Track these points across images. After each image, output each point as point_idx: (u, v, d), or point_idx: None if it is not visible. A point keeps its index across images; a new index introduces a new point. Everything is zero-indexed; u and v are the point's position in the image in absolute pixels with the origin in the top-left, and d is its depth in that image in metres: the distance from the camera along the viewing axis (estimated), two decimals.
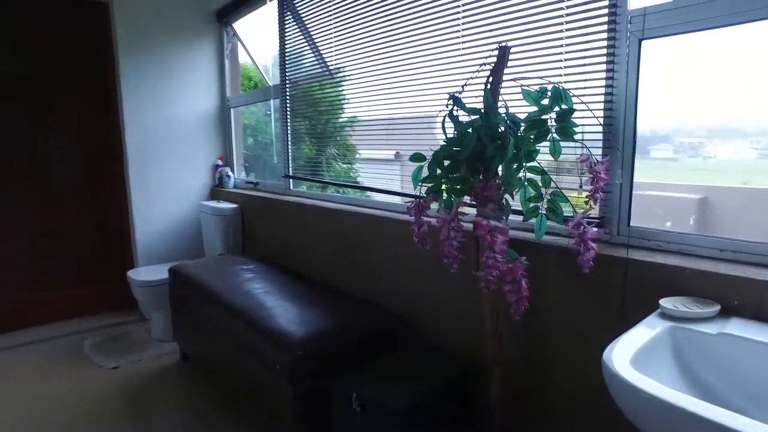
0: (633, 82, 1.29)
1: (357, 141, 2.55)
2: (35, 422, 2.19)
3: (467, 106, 1.32)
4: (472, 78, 1.40)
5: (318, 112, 2.68)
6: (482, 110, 1.29)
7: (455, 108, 1.33)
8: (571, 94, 1.23)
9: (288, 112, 2.87)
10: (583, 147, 1.23)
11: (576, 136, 1.23)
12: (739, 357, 0.97)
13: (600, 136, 1.35)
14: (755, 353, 0.95)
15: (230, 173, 3.52)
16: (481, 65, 1.39)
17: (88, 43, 3.16)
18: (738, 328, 1.01)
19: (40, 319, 3.20)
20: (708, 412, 0.70)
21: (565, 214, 1.27)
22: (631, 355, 0.91)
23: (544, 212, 1.28)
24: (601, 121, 1.33)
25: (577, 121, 1.23)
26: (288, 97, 2.85)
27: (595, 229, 1.20)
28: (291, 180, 2.95)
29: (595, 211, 1.34)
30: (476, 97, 1.35)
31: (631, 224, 1.35)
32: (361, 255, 2.20)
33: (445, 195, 1.36)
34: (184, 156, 3.45)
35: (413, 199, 1.41)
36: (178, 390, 2.45)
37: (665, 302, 1.11)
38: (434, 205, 1.39)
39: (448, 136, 1.33)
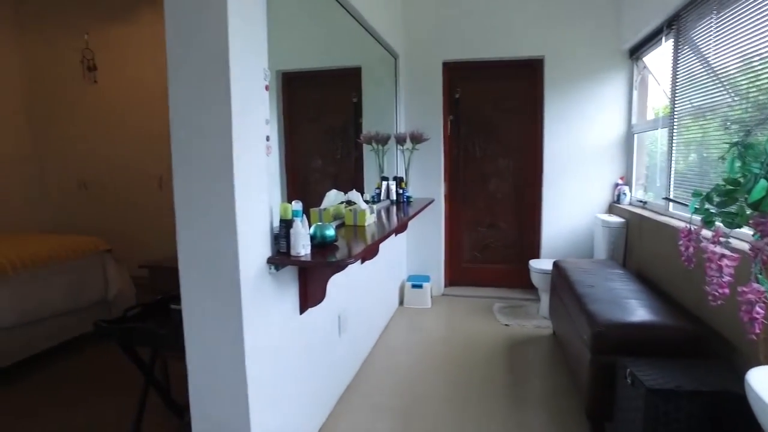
0: None
1: None
2: (447, 344, 3.47)
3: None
4: None
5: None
6: None
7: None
8: None
9: (673, 141, 3.09)
10: None
11: None
12: None
13: None
14: None
15: (627, 192, 3.94)
16: None
17: (525, 86, 4.30)
18: None
19: (473, 281, 4.63)
20: None
21: None
22: None
23: None
24: None
25: None
26: (675, 126, 3.07)
27: None
28: (671, 203, 3.15)
29: None
30: None
31: None
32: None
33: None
34: (588, 174, 4.13)
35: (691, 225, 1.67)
36: (543, 354, 3.24)
37: None
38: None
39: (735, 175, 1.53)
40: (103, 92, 4.99)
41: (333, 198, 2.67)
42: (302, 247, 1.81)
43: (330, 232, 1.98)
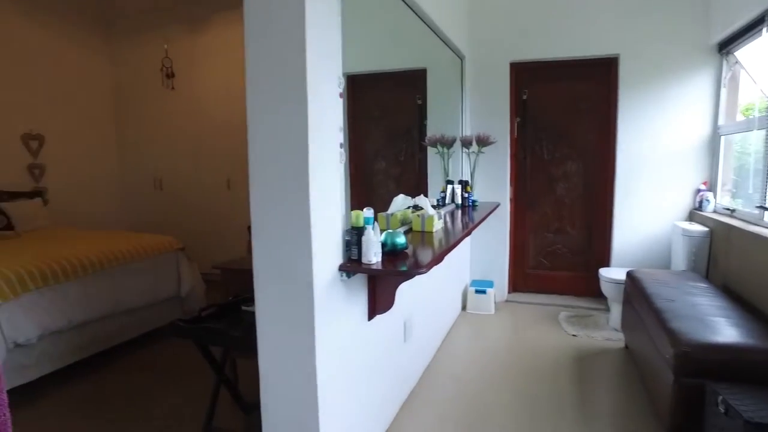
0: None
1: None
2: (511, 352, 3.37)
3: None
4: None
5: None
6: None
7: None
8: None
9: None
10: None
11: None
12: None
13: None
14: None
15: (710, 198, 3.66)
16: None
17: (597, 86, 4.09)
18: None
19: (538, 288, 4.48)
20: None
21: None
22: None
23: None
24: None
25: None
26: None
27: None
28: (766, 212, 2.89)
29: None
30: None
31: None
32: None
33: None
34: (666, 179, 3.88)
35: None
36: (614, 368, 3.07)
37: None
38: None
39: None
40: (179, 98, 5.27)
41: (400, 203, 2.65)
42: (374, 255, 1.81)
43: (401, 240, 1.96)
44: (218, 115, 5.08)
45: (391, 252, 1.94)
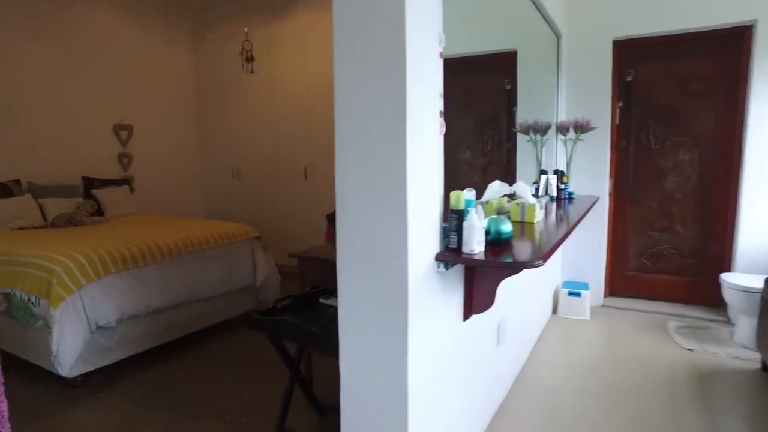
0: None
1: None
2: (615, 365, 2.95)
3: None
4: None
5: None
6: None
7: None
8: None
9: None
10: None
11: None
12: None
13: None
14: None
15: None
16: None
17: (721, 62, 3.53)
18: None
19: (639, 293, 3.98)
20: None
21: None
22: None
23: None
24: None
25: None
26: None
27: None
28: None
29: None
30: None
31: None
32: None
33: None
34: None
35: None
36: (749, 395, 2.57)
37: None
38: None
39: None
40: (258, 84, 5.25)
41: (496, 190, 2.35)
42: (477, 244, 1.53)
43: (507, 227, 1.67)
44: (296, 103, 5.01)
45: (494, 241, 1.66)
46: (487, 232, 1.64)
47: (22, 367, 2.78)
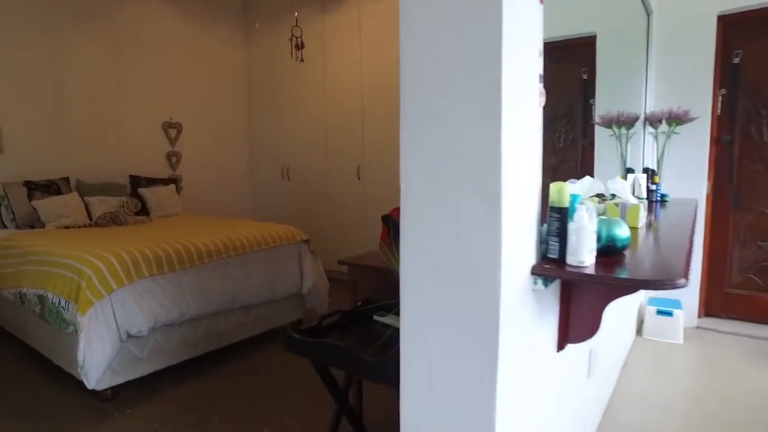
0: None
1: None
2: (722, 401, 2.42)
3: None
4: None
5: None
6: None
7: None
8: None
9: None
10: None
11: None
12: None
13: None
14: None
15: None
16: None
17: None
18: None
19: (743, 314, 3.38)
20: None
21: None
22: None
23: None
24: None
25: None
26: None
27: None
28: None
29: None
30: None
31: None
32: None
33: None
34: None
35: None
36: None
37: None
38: None
39: None
40: (308, 75, 4.99)
41: (587, 187, 1.93)
42: (588, 253, 1.14)
43: (624, 232, 1.26)
44: (348, 97, 4.71)
45: (606, 250, 1.26)
46: (598, 238, 1.24)
47: (57, 372, 2.61)
